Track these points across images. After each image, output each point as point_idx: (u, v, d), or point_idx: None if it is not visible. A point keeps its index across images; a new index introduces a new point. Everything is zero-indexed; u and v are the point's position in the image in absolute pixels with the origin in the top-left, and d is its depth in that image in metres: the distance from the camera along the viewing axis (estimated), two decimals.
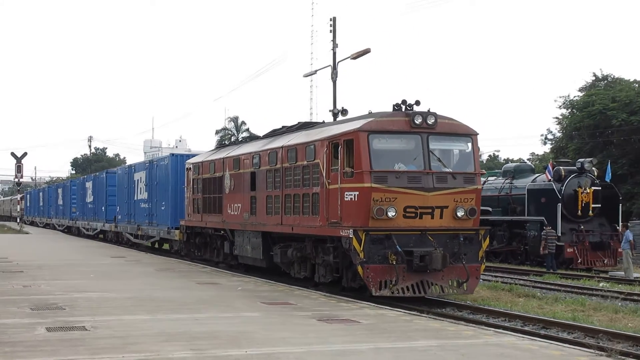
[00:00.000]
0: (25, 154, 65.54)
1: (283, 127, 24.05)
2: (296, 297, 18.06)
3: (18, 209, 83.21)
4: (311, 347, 11.35)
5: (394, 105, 18.22)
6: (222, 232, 26.42)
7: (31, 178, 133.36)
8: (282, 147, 21.29)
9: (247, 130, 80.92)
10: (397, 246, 16.82)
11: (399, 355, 10.96)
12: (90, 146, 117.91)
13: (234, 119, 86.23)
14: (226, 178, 25.64)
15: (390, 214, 16.93)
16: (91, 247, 43.07)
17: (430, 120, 17.51)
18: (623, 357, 11.51)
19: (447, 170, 17.64)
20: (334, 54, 39.05)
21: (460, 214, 17.49)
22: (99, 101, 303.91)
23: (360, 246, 16.82)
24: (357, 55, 36.96)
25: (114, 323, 13.61)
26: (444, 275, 17.33)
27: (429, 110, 17.71)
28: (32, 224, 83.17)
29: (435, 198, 17.31)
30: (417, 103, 17.94)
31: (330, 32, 40.32)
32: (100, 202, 47.68)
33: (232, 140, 74.55)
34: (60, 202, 64.75)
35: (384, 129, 17.51)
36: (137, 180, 39.12)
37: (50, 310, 15.10)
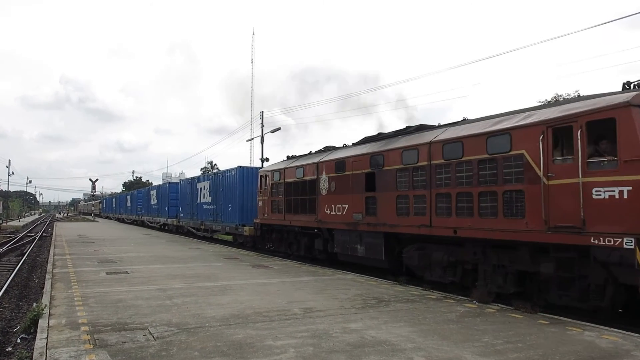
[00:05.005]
0: (97, 179, 70.25)
1: (388, 132, 13.53)
2: (241, 255, 16.98)
3: (94, 209, 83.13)
4: (248, 281, 10.89)
5: (623, 84, 8.10)
6: (315, 230, 15.38)
7: (100, 192, 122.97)
8: (429, 142, 10.68)
9: (217, 167, 75.10)
10: None
11: (294, 284, 10.44)
12: (132, 175, 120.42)
13: (210, 162, 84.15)
14: (322, 180, 14.84)
15: None
16: (132, 230, 36.95)
17: None
18: (406, 285, 10.26)
19: None
20: (262, 129, 37.13)
21: None
22: (138, 151, 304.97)
23: None
24: (273, 131, 34.92)
25: (143, 269, 12.83)
26: None
27: None
28: (107, 218, 69.85)
29: None
30: None
31: (260, 118, 37.58)
32: (163, 204, 36.19)
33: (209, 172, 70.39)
34: (128, 204, 52.57)
35: None
36: (200, 188, 27.92)
37: (108, 263, 14.13)
